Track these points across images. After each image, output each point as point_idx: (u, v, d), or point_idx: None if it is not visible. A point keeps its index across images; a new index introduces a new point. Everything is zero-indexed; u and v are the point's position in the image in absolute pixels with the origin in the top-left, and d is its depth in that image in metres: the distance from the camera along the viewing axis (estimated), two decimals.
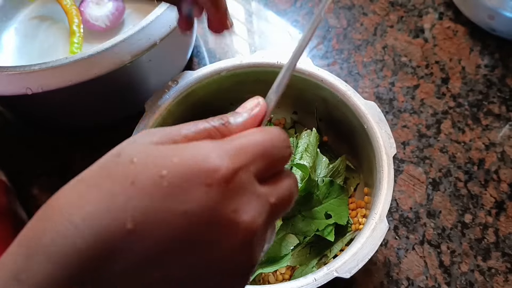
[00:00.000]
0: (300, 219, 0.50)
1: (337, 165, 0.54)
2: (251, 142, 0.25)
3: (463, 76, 0.67)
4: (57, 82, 0.46)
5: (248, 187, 0.24)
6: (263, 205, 0.24)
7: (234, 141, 0.24)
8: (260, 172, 0.24)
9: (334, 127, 0.57)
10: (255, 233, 0.24)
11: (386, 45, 0.70)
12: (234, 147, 0.24)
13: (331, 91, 0.53)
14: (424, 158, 0.61)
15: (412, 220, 0.57)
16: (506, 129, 0.63)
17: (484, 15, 0.67)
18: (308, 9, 0.74)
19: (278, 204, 0.25)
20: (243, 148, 0.24)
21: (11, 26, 0.69)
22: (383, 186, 0.46)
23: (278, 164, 0.26)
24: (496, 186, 0.59)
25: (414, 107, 0.65)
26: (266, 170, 0.25)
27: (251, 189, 0.24)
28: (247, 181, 0.24)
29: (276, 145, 0.26)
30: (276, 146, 0.26)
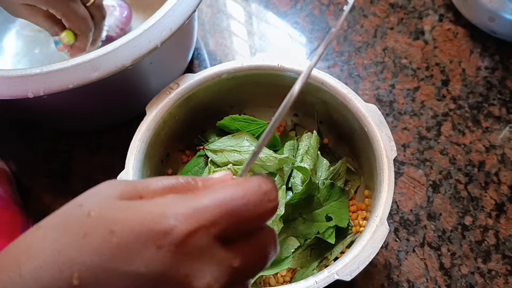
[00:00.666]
0: (301, 222, 0.50)
1: (337, 167, 0.54)
2: (217, 200, 0.22)
3: (463, 78, 0.67)
4: (58, 85, 0.46)
5: (205, 251, 0.22)
6: (222, 270, 0.22)
7: (197, 198, 0.23)
8: (224, 233, 0.22)
9: (334, 130, 0.57)
10: None
11: (386, 47, 0.70)
12: (195, 206, 0.22)
13: (331, 93, 0.53)
14: (425, 160, 0.61)
15: (412, 223, 0.57)
16: (506, 131, 0.63)
17: (485, 17, 0.67)
18: (309, 11, 0.74)
19: (245, 267, 0.23)
20: (206, 207, 0.22)
21: (12, 29, 0.70)
22: (383, 189, 0.46)
23: (252, 223, 0.23)
24: (496, 188, 0.59)
25: (414, 109, 0.65)
26: (233, 230, 0.23)
27: (208, 253, 0.22)
28: (204, 244, 0.22)
29: (250, 202, 0.23)
30: (250, 203, 0.23)
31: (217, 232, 0.22)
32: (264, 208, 0.23)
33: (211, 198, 0.22)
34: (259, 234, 0.24)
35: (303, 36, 0.72)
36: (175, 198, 0.23)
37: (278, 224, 0.47)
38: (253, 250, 0.24)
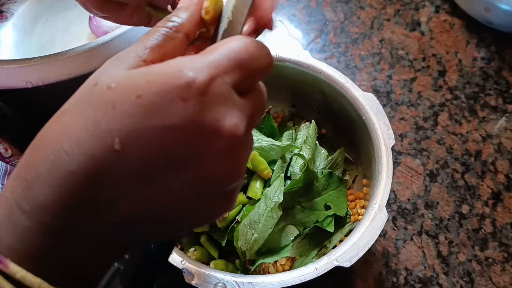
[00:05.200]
0: (300, 210, 0.50)
1: (336, 157, 0.54)
2: (225, 53, 0.24)
3: (459, 69, 0.68)
4: (57, 75, 0.46)
5: (227, 97, 0.24)
6: (243, 114, 0.24)
7: (207, 55, 0.24)
8: (238, 83, 0.24)
9: (332, 119, 0.57)
10: (238, 138, 0.24)
11: (383, 39, 0.71)
12: (207, 60, 0.24)
13: (329, 83, 0.53)
14: (422, 150, 0.61)
15: (410, 211, 0.57)
16: (502, 121, 0.64)
17: (481, 8, 0.68)
18: (305, 3, 0.75)
19: (255, 114, 0.26)
20: (217, 60, 0.24)
21: (8, 22, 0.69)
22: (382, 177, 0.46)
23: (257, 74, 0.26)
24: (493, 177, 0.59)
25: (411, 99, 0.65)
26: (244, 81, 0.25)
27: (229, 99, 0.24)
28: (224, 91, 0.24)
29: (253, 54, 0.25)
30: (253, 54, 0.25)
31: (232, 80, 0.24)
32: (264, 61, 0.26)
33: (220, 53, 0.24)
34: (258, 88, 0.27)
35: (299, 28, 0.73)
36: (185, 58, 0.24)
37: (277, 211, 0.47)
38: (258, 100, 0.26)
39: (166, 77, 0.23)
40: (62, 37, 0.68)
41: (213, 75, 0.23)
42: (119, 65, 0.25)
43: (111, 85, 0.23)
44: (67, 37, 0.68)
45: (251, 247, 0.46)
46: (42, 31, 0.69)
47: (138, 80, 0.23)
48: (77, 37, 0.68)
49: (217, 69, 0.23)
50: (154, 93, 0.22)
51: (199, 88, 0.23)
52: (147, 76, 0.23)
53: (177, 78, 0.23)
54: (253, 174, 0.52)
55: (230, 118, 0.23)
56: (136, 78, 0.23)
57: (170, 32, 0.26)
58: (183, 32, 0.27)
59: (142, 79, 0.23)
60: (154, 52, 0.25)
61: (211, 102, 0.23)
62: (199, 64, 0.23)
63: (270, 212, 0.47)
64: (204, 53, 0.25)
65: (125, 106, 0.22)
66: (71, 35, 0.68)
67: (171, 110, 0.22)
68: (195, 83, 0.23)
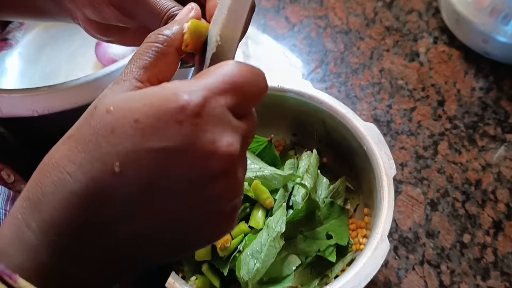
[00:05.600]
0: (301, 240, 0.50)
1: (337, 186, 0.55)
2: (219, 77, 0.25)
3: (458, 99, 0.69)
4: (63, 104, 0.47)
5: (222, 118, 0.24)
6: (238, 135, 0.25)
7: (201, 78, 0.25)
8: (233, 107, 0.25)
9: (333, 149, 0.58)
10: (234, 158, 0.24)
11: (382, 69, 0.72)
12: (201, 83, 0.24)
13: (330, 113, 0.54)
14: (422, 179, 0.62)
15: (411, 240, 0.57)
16: (501, 150, 0.64)
17: (478, 40, 0.69)
18: (306, 33, 0.76)
19: (248, 137, 0.26)
20: (211, 83, 0.24)
21: (15, 51, 0.71)
22: (383, 206, 0.47)
23: (254, 98, 0.26)
24: (493, 206, 0.60)
25: (411, 129, 0.66)
26: (239, 104, 0.25)
27: (225, 120, 0.24)
28: (219, 112, 0.24)
29: (248, 78, 0.25)
30: (248, 79, 0.25)
31: (227, 103, 0.24)
32: (260, 85, 0.26)
33: (214, 76, 0.25)
34: (252, 114, 0.27)
35: (300, 58, 0.74)
36: (181, 81, 0.25)
37: (280, 241, 0.47)
38: (251, 122, 0.27)
39: (162, 100, 0.23)
40: (67, 66, 0.70)
41: (207, 97, 0.24)
42: (117, 88, 0.26)
43: (109, 109, 0.24)
44: (72, 66, 0.69)
45: (253, 277, 0.46)
46: (48, 59, 0.71)
47: (135, 104, 0.24)
48: (82, 65, 0.69)
49: (212, 92, 0.24)
50: (151, 116, 0.23)
51: (194, 110, 0.23)
52: (144, 99, 0.24)
53: (172, 101, 0.23)
54: (255, 203, 0.52)
55: (226, 139, 0.24)
56: (133, 102, 0.24)
57: (162, 47, 0.27)
58: (174, 47, 0.28)
59: (140, 102, 0.24)
60: (148, 71, 0.26)
61: (206, 123, 0.23)
62: (194, 87, 0.24)
63: (272, 241, 0.47)
64: (199, 77, 0.25)
65: (124, 129, 0.23)
66: (76, 64, 0.69)
67: (167, 132, 0.23)
68: (189, 105, 0.23)
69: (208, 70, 0.26)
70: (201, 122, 0.23)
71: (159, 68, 0.27)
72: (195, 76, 0.26)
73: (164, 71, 0.27)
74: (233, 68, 0.25)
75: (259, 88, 0.26)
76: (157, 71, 0.27)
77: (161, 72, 0.27)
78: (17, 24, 0.47)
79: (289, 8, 0.79)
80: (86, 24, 0.40)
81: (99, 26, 0.40)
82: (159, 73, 0.27)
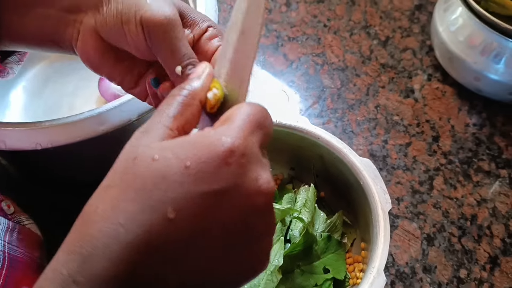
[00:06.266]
0: (299, 274, 0.51)
1: (334, 220, 0.55)
2: (244, 118, 0.27)
3: (452, 134, 0.70)
4: (66, 138, 0.48)
5: (258, 156, 0.26)
6: (268, 172, 0.27)
7: (230, 122, 0.27)
8: (261, 143, 0.27)
9: (331, 183, 0.58)
10: (273, 193, 0.26)
11: (378, 105, 0.74)
12: (235, 127, 0.26)
13: (327, 148, 0.55)
14: (418, 214, 0.63)
15: (408, 275, 0.57)
16: (496, 185, 0.65)
17: (471, 77, 0.71)
18: (304, 70, 0.78)
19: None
20: (242, 125, 0.26)
21: (19, 84, 0.72)
22: (379, 241, 0.47)
23: (271, 132, 0.28)
24: (489, 242, 0.60)
25: (407, 164, 0.67)
26: (264, 139, 0.28)
27: (260, 158, 0.26)
28: (256, 151, 0.26)
29: (264, 113, 0.28)
30: (264, 114, 0.28)
31: (257, 141, 0.27)
32: (270, 119, 0.29)
33: (240, 118, 0.27)
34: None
35: (298, 94, 0.76)
36: (216, 129, 0.27)
37: (277, 275, 0.47)
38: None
39: (210, 146, 0.25)
40: (71, 100, 0.71)
41: (246, 137, 0.26)
42: (151, 137, 0.27)
43: (155, 157, 0.25)
44: (75, 100, 0.71)
45: None
46: (51, 93, 0.72)
47: (181, 150, 0.25)
48: (86, 100, 0.70)
49: (246, 132, 0.26)
50: (201, 161, 0.25)
51: (240, 152, 0.25)
52: (189, 146, 0.25)
53: (219, 145, 0.25)
54: None
55: (265, 176, 0.26)
56: (178, 148, 0.25)
57: (187, 99, 0.29)
58: (197, 99, 0.29)
59: (185, 149, 0.25)
60: (177, 121, 0.28)
61: (249, 163, 0.25)
62: (230, 131, 0.26)
63: (270, 275, 0.47)
64: (226, 122, 0.27)
65: (175, 175, 0.24)
66: (80, 98, 0.71)
67: (218, 175, 0.25)
68: (236, 147, 0.25)
69: (231, 114, 0.28)
70: (245, 162, 0.25)
71: (186, 117, 0.28)
72: (220, 121, 0.28)
73: (190, 121, 0.29)
74: (250, 108, 0.28)
75: (270, 122, 0.29)
76: (184, 120, 0.28)
77: (188, 122, 0.29)
78: (16, 58, 0.48)
79: (288, 46, 0.81)
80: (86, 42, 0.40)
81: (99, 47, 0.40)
82: (186, 122, 0.28)
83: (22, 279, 0.47)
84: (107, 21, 0.38)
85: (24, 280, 0.48)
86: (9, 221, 0.50)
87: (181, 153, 0.25)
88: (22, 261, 0.48)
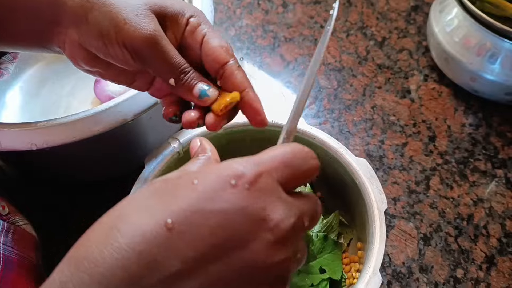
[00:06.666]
0: (295, 274, 0.50)
1: (330, 220, 0.55)
2: (271, 155, 0.27)
3: (449, 135, 0.70)
4: (61, 138, 0.48)
5: (273, 190, 0.26)
6: (289, 209, 0.26)
7: (255, 157, 0.27)
8: (284, 180, 0.27)
9: (327, 183, 0.58)
10: (284, 231, 0.25)
11: (375, 105, 0.74)
12: (255, 159, 0.27)
13: (323, 148, 0.55)
14: (415, 214, 0.63)
15: (405, 275, 0.57)
16: (492, 185, 0.65)
17: (467, 78, 0.71)
18: (301, 70, 0.78)
19: (305, 217, 0.27)
20: (264, 160, 0.27)
21: (16, 85, 0.72)
22: (375, 240, 0.47)
23: (304, 175, 0.28)
24: (485, 241, 0.60)
25: (403, 164, 0.67)
26: (290, 179, 0.27)
27: (276, 193, 0.26)
28: (271, 185, 0.26)
29: (298, 155, 0.28)
30: (298, 156, 0.28)
31: (278, 177, 0.26)
32: (310, 163, 0.28)
33: (267, 155, 0.27)
34: (311, 195, 0.29)
35: (295, 94, 0.76)
36: (235, 159, 0.27)
37: None
38: (309, 205, 0.28)
39: (220, 169, 0.26)
40: (67, 101, 0.71)
41: (261, 170, 0.26)
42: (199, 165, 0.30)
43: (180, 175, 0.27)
44: (72, 101, 0.71)
45: None
46: (48, 94, 0.72)
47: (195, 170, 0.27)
48: (82, 100, 0.70)
49: (264, 166, 0.26)
50: (208, 180, 0.25)
51: (248, 179, 0.25)
52: (202, 170, 0.27)
53: (228, 169, 0.26)
54: None
55: (276, 210, 0.25)
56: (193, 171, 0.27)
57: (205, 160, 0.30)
58: (212, 160, 0.31)
59: (198, 171, 0.27)
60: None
61: (259, 191, 0.25)
62: (247, 163, 0.26)
63: None
64: (252, 157, 0.27)
65: (181, 190, 0.25)
66: (76, 99, 0.71)
67: (222, 195, 0.25)
68: (244, 173, 0.25)
69: (263, 152, 0.28)
70: (254, 189, 0.25)
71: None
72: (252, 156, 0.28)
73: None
74: (286, 148, 0.28)
75: (308, 164, 0.28)
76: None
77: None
78: (10, 57, 0.48)
79: (284, 47, 0.81)
80: (74, 51, 0.40)
81: (87, 55, 0.40)
82: None
83: (17, 280, 0.47)
84: (89, 40, 0.38)
85: (19, 280, 0.47)
86: (4, 222, 0.50)
87: (193, 171, 0.27)
88: (17, 262, 0.48)
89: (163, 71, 0.38)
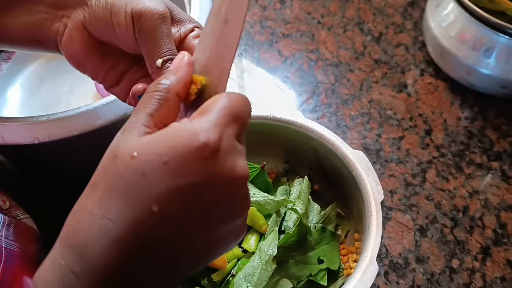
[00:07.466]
0: (293, 264, 0.51)
1: (328, 212, 0.56)
2: (220, 110, 0.28)
3: (445, 128, 0.71)
4: (63, 132, 0.49)
5: (233, 147, 0.28)
6: (243, 159, 0.29)
7: (206, 115, 0.28)
8: (237, 133, 0.29)
9: (324, 176, 0.59)
10: (247, 178, 0.29)
11: (372, 99, 0.74)
12: (210, 120, 0.27)
13: (321, 141, 0.56)
14: (411, 206, 0.64)
15: (401, 266, 0.58)
16: (488, 177, 0.66)
17: (462, 72, 0.72)
18: (298, 65, 0.79)
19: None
20: (217, 118, 0.28)
21: (16, 82, 0.73)
22: (372, 230, 0.48)
23: (247, 121, 0.30)
24: (481, 232, 0.61)
25: (400, 157, 0.68)
26: (240, 129, 0.29)
27: (235, 149, 0.28)
28: (230, 143, 0.28)
29: (241, 106, 0.29)
30: (241, 106, 0.29)
31: (234, 132, 0.28)
32: (248, 109, 0.30)
33: (217, 111, 0.28)
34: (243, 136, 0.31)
35: (292, 89, 0.77)
36: (191, 122, 0.28)
37: (272, 265, 0.48)
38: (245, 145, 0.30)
39: (186, 141, 0.26)
40: (68, 97, 0.72)
41: (221, 132, 0.27)
42: (130, 135, 0.28)
43: (133, 154, 0.26)
44: (72, 97, 0.71)
45: None
46: (48, 90, 0.73)
47: (158, 147, 0.26)
48: (82, 96, 0.71)
49: (221, 126, 0.27)
50: (178, 157, 0.26)
51: (214, 146, 0.26)
52: (165, 142, 0.27)
53: (194, 141, 0.26)
54: (250, 229, 0.53)
55: (240, 164, 0.28)
56: (155, 145, 0.27)
57: (163, 94, 0.30)
58: (173, 93, 0.30)
59: (163, 145, 0.26)
60: (154, 117, 0.29)
61: (225, 154, 0.27)
62: (205, 125, 0.27)
63: (264, 265, 0.48)
64: (202, 114, 0.28)
65: (154, 171, 0.26)
66: (77, 95, 0.72)
67: (195, 169, 0.26)
68: (210, 142, 0.26)
69: (208, 106, 0.29)
70: (220, 154, 0.27)
71: (163, 113, 0.29)
72: (198, 113, 0.29)
73: (168, 115, 0.30)
74: (228, 99, 0.29)
75: (249, 112, 0.30)
76: (161, 116, 0.29)
77: (165, 117, 0.30)
78: (4, 56, 0.48)
79: (282, 42, 0.82)
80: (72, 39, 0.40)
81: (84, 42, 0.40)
82: (163, 117, 0.29)
83: (19, 273, 0.48)
84: (96, 13, 0.39)
85: (21, 273, 0.48)
86: (5, 216, 0.51)
87: (159, 148, 0.26)
88: (19, 255, 0.49)
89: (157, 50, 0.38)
